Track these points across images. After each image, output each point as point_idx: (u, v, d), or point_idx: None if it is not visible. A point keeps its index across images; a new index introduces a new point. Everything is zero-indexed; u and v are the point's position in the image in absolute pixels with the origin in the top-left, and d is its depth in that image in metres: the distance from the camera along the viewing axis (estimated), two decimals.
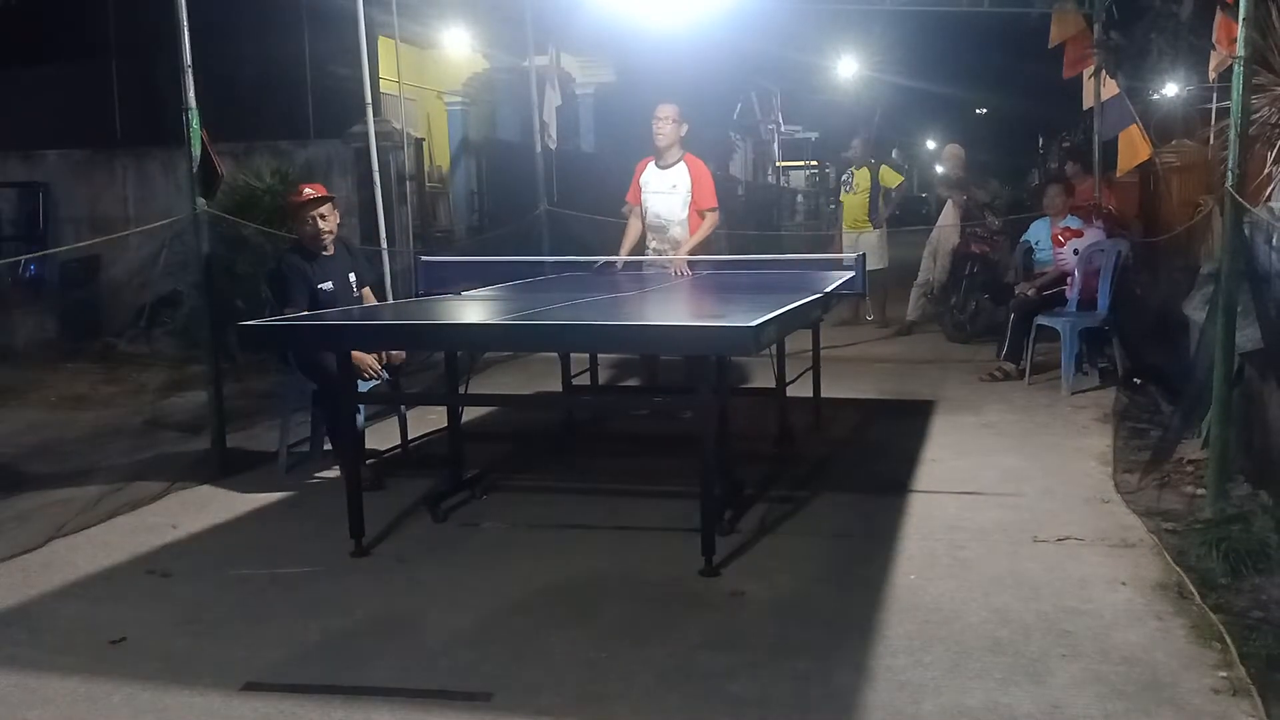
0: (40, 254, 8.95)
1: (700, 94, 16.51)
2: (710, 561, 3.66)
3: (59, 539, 4.23)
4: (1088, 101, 8.29)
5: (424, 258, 6.27)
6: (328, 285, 4.98)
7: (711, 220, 6.15)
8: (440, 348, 5.14)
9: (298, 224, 5.09)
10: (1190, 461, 4.63)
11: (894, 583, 3.55)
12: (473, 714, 2.77)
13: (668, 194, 6.11)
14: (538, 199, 9.11)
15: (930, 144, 31.50)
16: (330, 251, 5.08)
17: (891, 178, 9.80)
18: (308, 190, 5.17)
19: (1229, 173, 3.99)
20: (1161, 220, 8.60)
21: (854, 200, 9.53)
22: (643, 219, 6.26)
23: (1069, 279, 7.00)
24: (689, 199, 6.10)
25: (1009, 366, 7.05)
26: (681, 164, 6.11)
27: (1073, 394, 6.49)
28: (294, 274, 4.94)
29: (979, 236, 9.10)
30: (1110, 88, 7.84)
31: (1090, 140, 8.60)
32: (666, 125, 6.06)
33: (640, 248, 6.34)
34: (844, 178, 9.68)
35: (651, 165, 6.19)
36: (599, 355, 6.18)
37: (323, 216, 5.04)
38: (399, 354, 5.01)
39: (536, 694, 2.83)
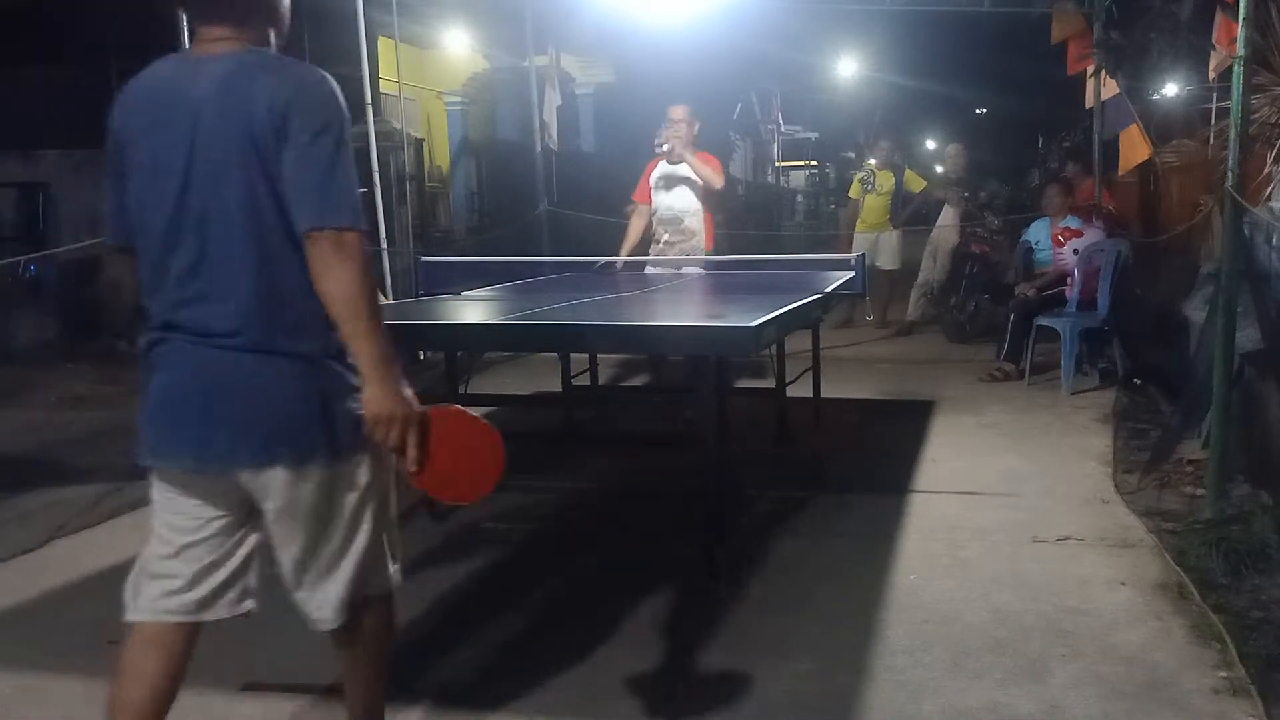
0: (40, 254, 8.95)
1: (700, 94, 16.47)
2: (710, 561, 3.66)
3: (59, 539, 4.23)
4: (1089, 100, 8.29)
5: (424, 258, 6.26)
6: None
7: (719, 178, 6.09)
8: (440, 348, 5.13)
9: None
10: (1190, 461, 4.63)
11: (894, 583, 3.55)
12: (473, 714, 2.77)
13: (680, 186, 6.14)
14: (538, 199, 9.11)
15: (930, 144, 31.46)
16: None
17: (916, 182, 9.83)
18: None
19: (1229, 173, 3.99)
20: (1161, 220, 8.61)
21: (876, 201, 9.53)
22: (651, 216, 6.28)
23: (1069, 279, 7.00)
24: (700, 187, 6.12)
25: (1009, 367, 7.05)
26: (690, 160, 6.12)
27: (1073, 394, 6.49)
28: None
29: (979, 236, 9.10)
30: (1110, 88, 7.84)
31: (1090, 140, 8.60)
32: (681, 127, 6.11)
33: (641, 248, 6.36)
34: (864, 177, 9.66)
35: (663, 164, 6.22)
36: (599, 355, 6.18)
37: None
38: None
39: (537, 694, 2.83)
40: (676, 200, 6.18)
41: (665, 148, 6.11)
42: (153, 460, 2.05)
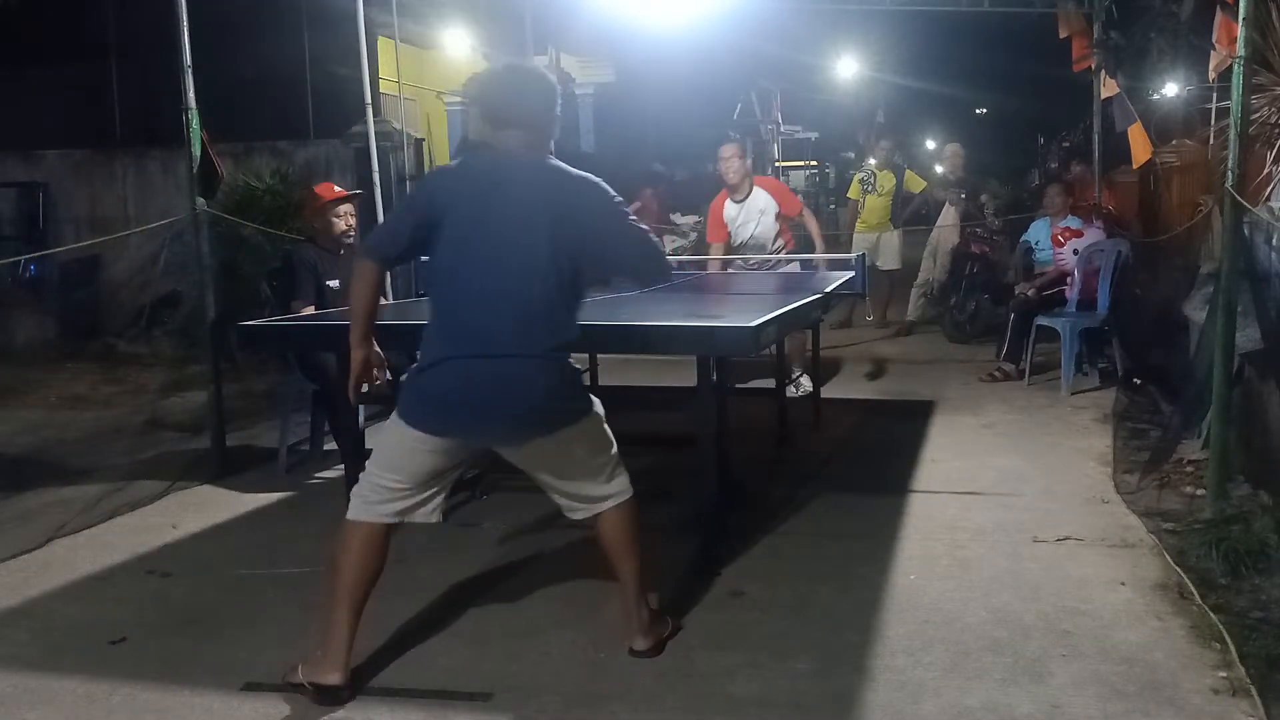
0: (40, 254, 8.95)
1: (700, 94, 16.49)
2: (710, 561, 3.66)
3: (59, 539, 4.23)
4: (1103, 93, 8.26)
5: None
6: (334, 283, 5.00)
7: (810, 214, 6.88)
8: None
9: (323, 221, 5.10)
10: (1190, 461, 4.63)
11: (894, 583, 3.55)
12: (473, 714, 2.77)
13: (759, 218, 6.53)
14: None
15: (930, 144, 31.43)
16: (342, 252, 5.11)
17: (916, 182, 9.82)
18: (338, 188, 5.27)
19: (1229, 173, 3.99)
20: (1161, 220, 8.61)
21: (877, 202, 9.52)
22: (729, 244, 6.70)
23: (1069, 279, 7.00)
24: (777, 214, 6.59)
25: (1009, 367, 7.05)
26: (758, 189, 6.55)
27: (1072, 394, 6.49)
28: (304, 266, 4.99)
29: (979, 236, 9.09)
30: (1110, 87, 7.85)
31: (1090, 140, 8.60)
32: (735, 162, 6.50)
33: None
34: (864, 177, 9.64)
35: (729, 202, 6.59)
36: (598, 355, 6.18)
37: (350, 214, 5.11)
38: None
39: (536, 694, 2.84)
40: (759, 231, 6.59)
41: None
42: (451, 434, 2.82)
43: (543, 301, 2.76)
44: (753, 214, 6.53)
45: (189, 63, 5.04)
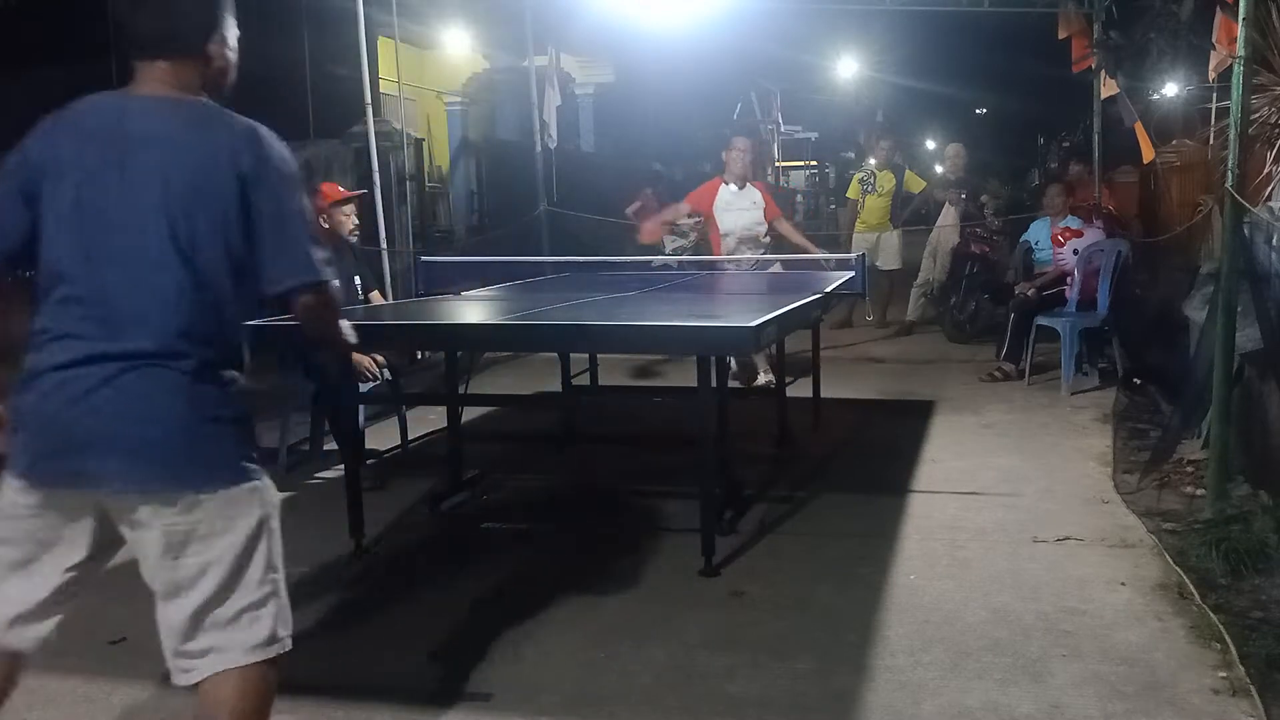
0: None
1: (700, 94, 16.51)
2: (710, 561, 3.66)
3: None
4: (1104, 92, 8.27)
5: (424, 258, 6.27)
6: (335, 283, 4.99)
7: (786, 224, 7.20)
8: (440, 348, 5.14)
9: (331, 220, 5.13)
10: (1190, 461, 4.63)
11: (894, 583, 3.55)
12: (473, 714, 2.77)
13: (751, 210, 6.86)
14: (537, 199, 9.11)
15: (930, 144, 31.46)
16: (343, 251, 5.12)
17: (916, 183, 9.82)
18: (340, 189, 5.36)
19: (1229, 173, 3.99)
20: (1161, 220, 8.61)
21: (877, 202, 9.52)
22: (719, 232, 6.91)
23: (1069, 279, 7.00)
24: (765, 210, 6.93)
25: (1009, 367, 7.05)
26: (750, 185, 6.95)
27: (1072, 394, 6.48)
28: None
29: (979, 236, 9.09)
30: (1110, 87, 7.85)
31: (1090, 140, 8.60)
32: (747, 155, 6.99)
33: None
34: (864, 178, 9.63)
35: (723, 187, 6.90)
36: (599, 355, 6.18)
37: (353, 214, 5.23)
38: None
39: (536, 694, 2.84)
40: (750, 221, 6.86)
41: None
42: (40, 479, 2.03)
43: (169, 295, 1.97)
44: (747, 203, 6.85)
45: None
